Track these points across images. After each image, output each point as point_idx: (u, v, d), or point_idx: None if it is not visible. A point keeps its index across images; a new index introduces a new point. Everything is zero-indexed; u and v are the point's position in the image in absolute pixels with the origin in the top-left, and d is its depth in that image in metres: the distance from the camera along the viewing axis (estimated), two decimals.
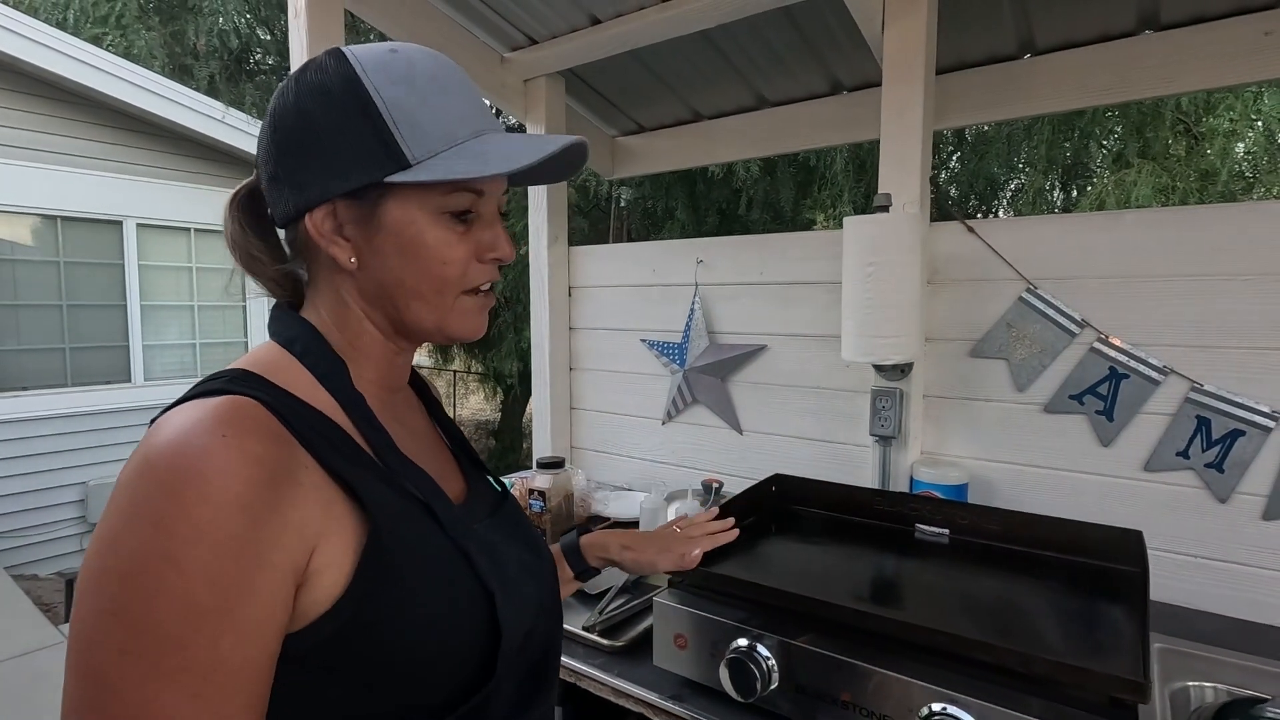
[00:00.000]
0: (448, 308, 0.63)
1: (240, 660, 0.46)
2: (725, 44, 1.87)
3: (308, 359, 0.60)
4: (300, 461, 0.52)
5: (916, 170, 1.46)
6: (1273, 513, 1.25)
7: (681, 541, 1.02)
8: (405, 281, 0.61)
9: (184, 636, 0.44)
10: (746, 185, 4.83)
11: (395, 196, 0.59)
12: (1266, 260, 1.25)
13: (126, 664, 0.44)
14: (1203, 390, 1.30)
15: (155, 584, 0.44)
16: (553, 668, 0.72)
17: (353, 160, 0.57)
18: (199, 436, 0.48)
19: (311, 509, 0.51)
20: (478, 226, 0.63)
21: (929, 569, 1.16)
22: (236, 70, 4.87)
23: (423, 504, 0.59)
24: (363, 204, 0.59)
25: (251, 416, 0.51)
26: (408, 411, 0.72)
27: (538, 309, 2.18)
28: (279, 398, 0.54)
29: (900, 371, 1.52)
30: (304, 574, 0.50)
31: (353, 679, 0.52)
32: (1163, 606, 1.31)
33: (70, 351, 4.78)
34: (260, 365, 0.58)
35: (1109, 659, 0.84)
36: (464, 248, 0.62)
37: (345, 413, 0.60)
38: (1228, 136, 3.97)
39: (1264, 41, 1.41)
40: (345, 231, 0.60)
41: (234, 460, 0.47)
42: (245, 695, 0.47)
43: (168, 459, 0.47)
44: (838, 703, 0.89)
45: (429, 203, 0.59)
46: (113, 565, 0.45)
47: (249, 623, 0.46)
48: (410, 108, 0.58)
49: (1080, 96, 1.63)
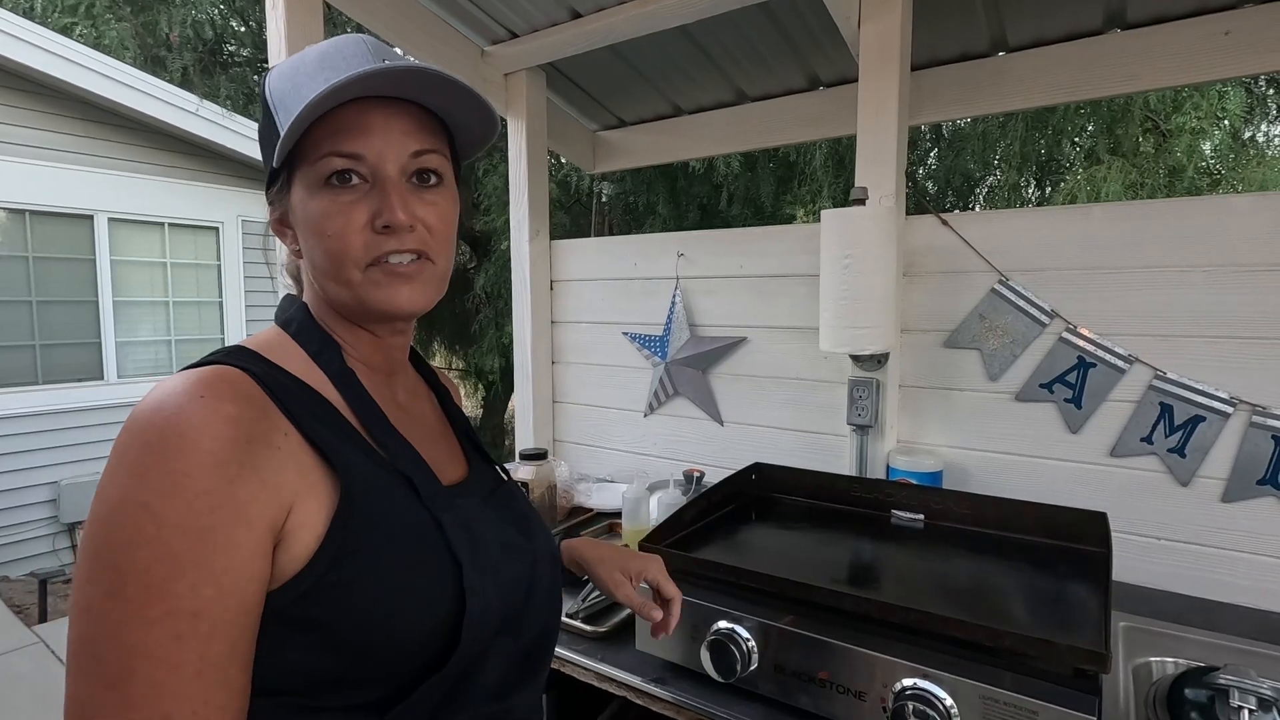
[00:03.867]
0: (355, 282, 0.61)
1: (222, 609, 0.49)
2: (705, 39, 1.89)
3: (301, 337, 0.64)
4: (277, 426, 0.54)
5: (892, 164, 1.49)
6: (1231, 495, 1.30)
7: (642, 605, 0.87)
8: (314, 261, 0.63)
9: (165, 584, 0.47)
10: (727, 181, 4.85)
11: (295, 180, 0.62)
12: (1225, 252, 1.29)
13: (113, 606, 0.47)
14: (1166, 378, 1.34)
15: (134, 531, 0.47)
16: (545, 654, 0.72)
17: (267, 156, 0.63)
18: (179, 397, 0.51)
19: (288, 472, 0.53)
20: (373, 195, 0.60)
21: (904, 552, 1.19)
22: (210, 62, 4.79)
23: (404, 476, 0.61)
24: (281, 194, 0.64)
25: (231, 382, 0.53)
26: (410, 397, 0.74)
27: (519, 303, 2.18)
28: (267, 369, 0.58)
29: (877, 362, 1.55)
30: (281, 532, 0.53)
31: (317, 640, 0.53)
32: (1127, 587, 1.36)
33: (41, 349, 4.68)
34: (256, 343, 0.62)
35: (1073, 633, 0.88)
36: (348, 218, 0.59)
37: (336, 388, 0.62)
38: (1194, 134, 4.07)
39: (1223, 41, 1.46)
40: (287, 221, 0.65)
41: (209, 419, 0.50)
42: (228, 643, 0.49)
43: (147, 416, 0.50)
44: (815, 681, 0.91)
45: (308, 176, 0.60)
46: (99, 512, 0.49)
47: (229, 574, 0.49)
48: (286, 93, 0.61)
49: (1050, 93, 1.67)
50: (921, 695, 0.82)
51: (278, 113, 0.61)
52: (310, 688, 0.54)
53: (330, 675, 0.54)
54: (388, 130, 0.60)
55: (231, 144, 5.22)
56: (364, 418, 0.62)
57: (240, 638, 0.50)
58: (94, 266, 4.88)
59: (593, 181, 5.05)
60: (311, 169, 0.60)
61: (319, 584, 0.53)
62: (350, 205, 0.59)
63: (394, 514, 0.58)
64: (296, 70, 0.61)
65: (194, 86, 4.80)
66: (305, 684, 0.54)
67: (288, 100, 0.60)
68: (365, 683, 0.56)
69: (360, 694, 0.56)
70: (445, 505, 0.62)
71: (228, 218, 5.49)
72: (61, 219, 4.74)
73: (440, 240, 0.64)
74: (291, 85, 0.61)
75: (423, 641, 0.57)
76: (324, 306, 0.66)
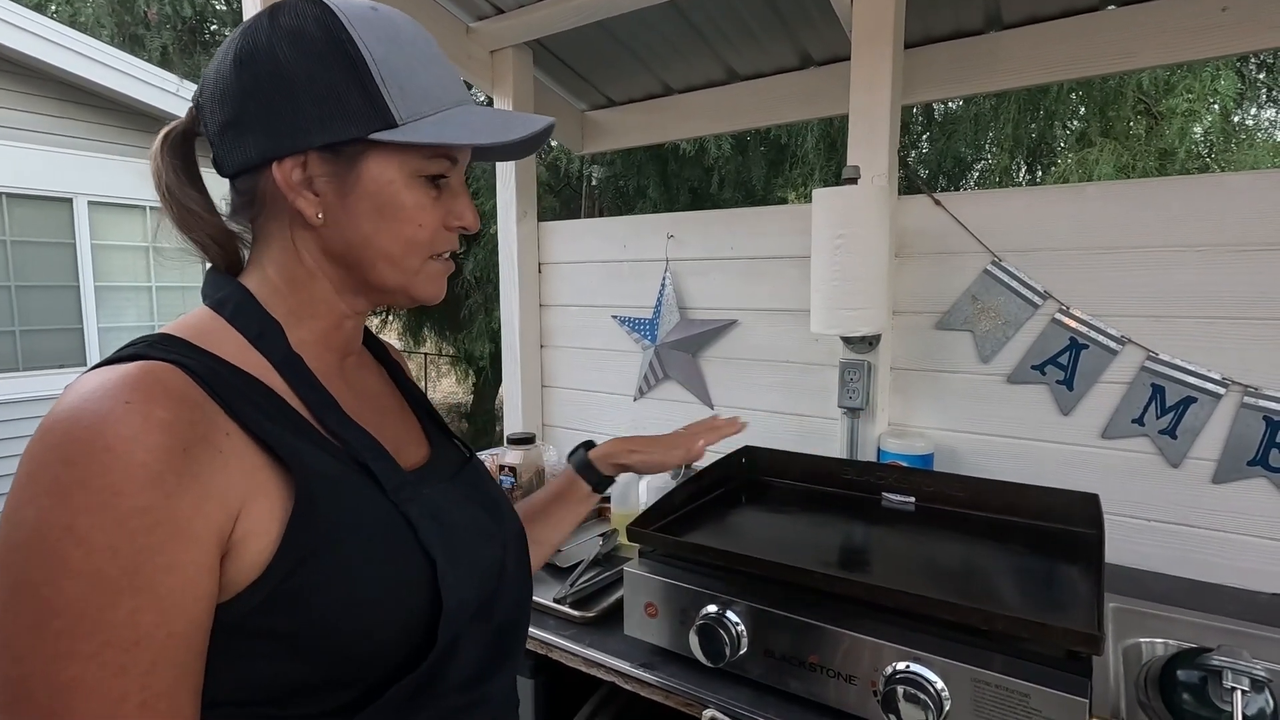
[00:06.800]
0: (414, 270, 0.63)
1: (165, 635, 0.44)
2: (694, 15, 1.85)
3: (238, 320, 0.58)
4: (218, 426, 0.49)
5: (885, 143, 1.47)
6: (1222, 476, 1.30)
7: (687, 438, 1.04)
8: (374, 241, 0.60)
9: (100, 614, 0.42)
10: (718, 163, 4.81)
11: (376, 155, 0.58)
12: (1218, 232, 1.28)
13: (40, 643, 0.42)
14: (1158, 359, 1.33)
15: (58, 558, 0.42)
16: (519, 636, 0.71)
17: (336, 112, 0.55)
18: (100, 402, 0.45)
19: (233, 475, 0.49)
20: (447, 194, 0.63)
21: (895, 535, 1.18)
22: (190, 41, 4.69)
23: (362, 467, 0.57)
24: (339, 158, 0.57)
25: (161, 381, 0.47)
26: (361, 375, 0.70)
27: (507, 286, 2.15)
28: (201, 360, 0.52)
29: (868, 344, 1.54)
30: (229, 542, 0.48)
31: (283, 649, 0.50)
32: (1118, 568, 1.35)
33: (21, 334, 4.60)
34: (185, 329, 0.56)
35: (1065, 615, 0.87)
36: (436, 213, 0.62)
37: (280, 374, 0.57)
38: (1186, 116, 4.07)
39: (1220, 18, 1.44)
40: (315, 185, 0.58)
41: (138, 427, 0.44)
42: (175, 669, 0.45)
43: (64, 425, 0.44)
44: (805, 665, 0.90)
45: (408, 165, 0.59)
46: (15, 538, 0.43)
47: (172, 596, 0.44)
48: (398, 67, 0.57)
49: (1045, 71, 1.64)
50: (912, 678, 0.81)
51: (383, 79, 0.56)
52: (281, 696, 0.51)
53: (301, 682, 0.51)
54: None
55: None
56: (314, 406, 0.57)
57: (188, 661, 0.46)
58: (74, 251, 4.79)
59: (583, 164, 5.00)
60: (422, 162, 0.60)
61: (277, 593, 0.49)
62: (435, 202, 0.62)
63: (356, 511, 0.54)
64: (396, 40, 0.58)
65: (174, 66, 4.71)
66: (275, 693, 0.51)
67: (399, 76, 0.57)
68: (339, 686, 0.53)
69: (336, 697, 0.53)
70: (411, 496, 0.59)
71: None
72: (40, 202, 4.64)
73: None
74: (403, 61, 0.58)
75: (396, 642, 0.54)
76: (294, 282, 0.61)
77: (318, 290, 0.62)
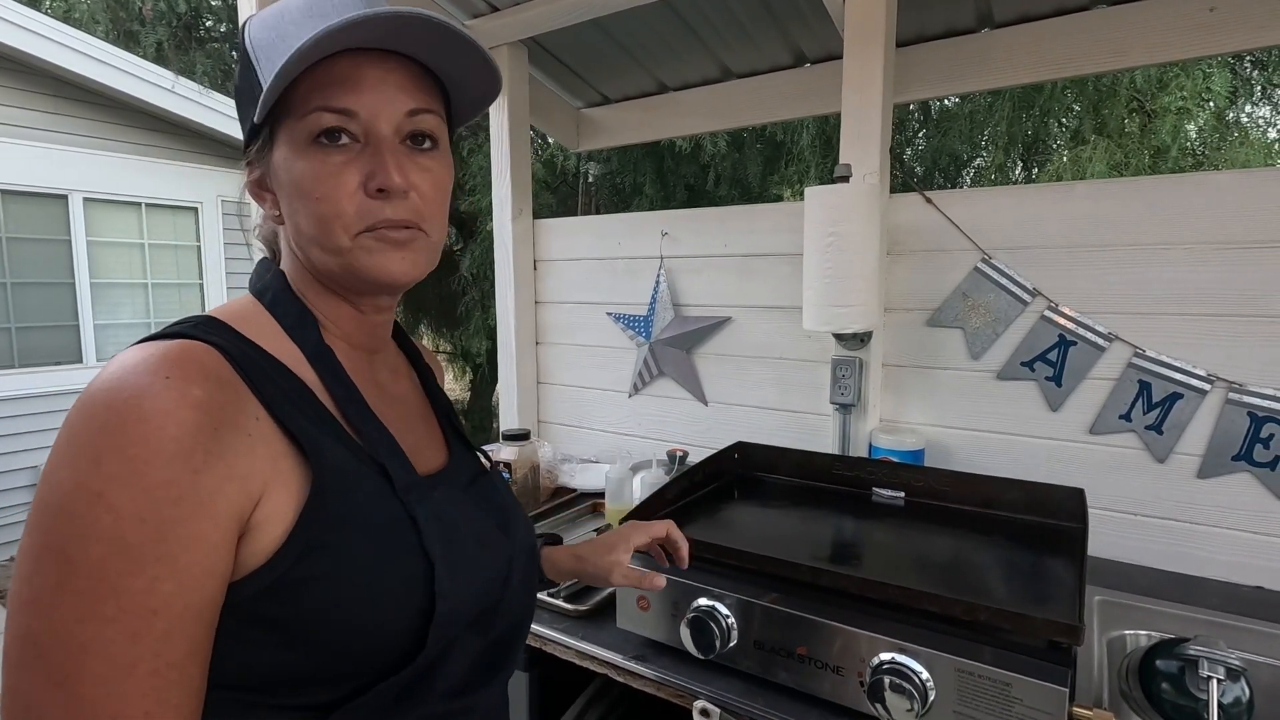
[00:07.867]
0: (345, 249, 0.57)
1: (182, 606, 0.46)
2: (689, 13, 1.86)
3: (276, 309, 0.60)
4: (249, 411, 0.51)
5: (876, 141, 1.48)
6: (1207, 471, 1.32)
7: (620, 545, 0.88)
8: (299, 226, 0.58)
9: (121, 579, 0.44)
10: (714, 161, 4.81)
11: (279, 137, 0.57)
12: (1206, 229, 1.30)
13: (62, 600, 0.43)
14: (1144, 355, 1.35)
15: (88, 521, 0.44)
16: (514, 650, 0.70)
17: (245, 112, 0.59)
18: (141, 376, 0.47)
19: (258, 460, 0.50)
20: (362, 158, 0.56)
21: (885, 529, 1.20)
22: (186, 38, 4.67)
23: (379, 465, 0.58)
24: (263, 153, 0.59)
25: (200, 361, 0.49)
26: (391, 377, 0.70)
27: (502, 283, 2.16)
28: (240, 345, 0.53)
29: (860, 341, 1.55)
30: (248, 524, 0.49)
31: (276, 637, 0.51)
32: (1104, 562, 1.37)
33: (16, 331, 4.59)
34: (228, 313, 0.58)
35: (1048, 606, 0.89)
36: (339, 180, 0.55)
37: (311, 366, 0.58)
38: (1179, 114, 4.08)
39: (1208, 18, 1.45)
40: (266, 183, 0.61)
41: (173, 403, 0.46)
42: (188, 641, 0.47)
43: (106, 395, 0.46)
44: (794, 656, 0.92)
45: (294, 133, 0.56)
46: (49, 500, 0.45)
47: (191, 570, 0.46)
48: (267, 40, 0.57)
49: (1037, 70, 1.66)
50: (898, 669, 0.83)
51: (259, 64, 0.56)
52: (267, 685, 0.52)
53: (290, 673, 0.52)
54: (382, 85, 0.55)
55: (209, 122, 5.09)
56: (340, 400, 0.58)
57: (200, 635, 0.47)
58: (69, 247, 4.78)
59: (579, 162, 5.00)
60: (298, 125, 0.55)
61: (282, 580, 0.50)
62: (341, 166, 0.55)
63: (366, 508, 0.55)
64: (280, 18, 0.57)
65: (169, 62, 4.69)
66: (263, 680, 0.52)
67: (271, 50, 0.55)
68: (326, 681, 0.53)
69: (321, 692, 0.53)
70: (421, 498, 0.59)
71: (207, 198, 5.38)
72: (35, 199, 4.63)
73: (434, 210, 0.60)
74: (276, 34, 0.56)
75: (388, 642, 0.54)
76: (305, 276, 0.62)
77: (314, 284, 0.63)
